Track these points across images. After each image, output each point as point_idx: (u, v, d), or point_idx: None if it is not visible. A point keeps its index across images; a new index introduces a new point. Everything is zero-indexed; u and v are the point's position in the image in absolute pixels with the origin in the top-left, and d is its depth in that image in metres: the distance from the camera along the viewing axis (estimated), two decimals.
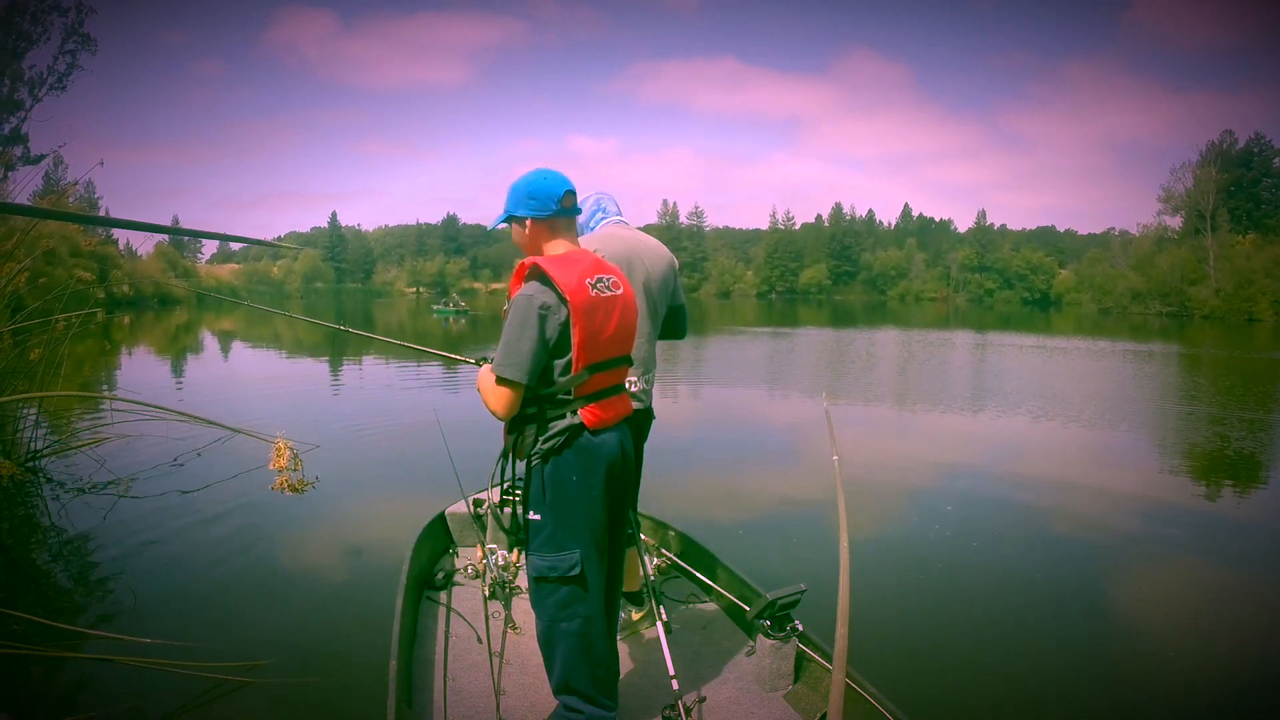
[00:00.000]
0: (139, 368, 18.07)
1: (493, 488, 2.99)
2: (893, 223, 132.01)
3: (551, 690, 2.92)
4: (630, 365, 3.00)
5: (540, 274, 2.71)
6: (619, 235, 3.60)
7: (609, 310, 2.77)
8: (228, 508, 6.86)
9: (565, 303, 2.66)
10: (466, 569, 4.48)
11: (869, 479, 8.52)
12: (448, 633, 3.77)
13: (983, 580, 5.67)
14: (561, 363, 2.71)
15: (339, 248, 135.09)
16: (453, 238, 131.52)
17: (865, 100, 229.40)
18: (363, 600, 4.88)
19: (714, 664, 3.59)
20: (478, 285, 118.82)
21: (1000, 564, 6.03)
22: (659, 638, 3.27)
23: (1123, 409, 14.12)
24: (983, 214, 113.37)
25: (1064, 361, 23.76)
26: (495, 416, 2.75)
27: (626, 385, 3.17)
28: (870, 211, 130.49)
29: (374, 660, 3.55)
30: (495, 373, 2.66)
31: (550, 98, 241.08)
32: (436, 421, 6.20)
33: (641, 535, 4.56)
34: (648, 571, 3.74)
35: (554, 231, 2.85)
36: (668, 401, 13.62)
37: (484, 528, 4.45)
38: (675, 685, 3.09)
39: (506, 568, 4.16)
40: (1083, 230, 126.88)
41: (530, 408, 2.74)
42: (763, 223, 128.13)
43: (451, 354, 4.39)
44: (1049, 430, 11.74)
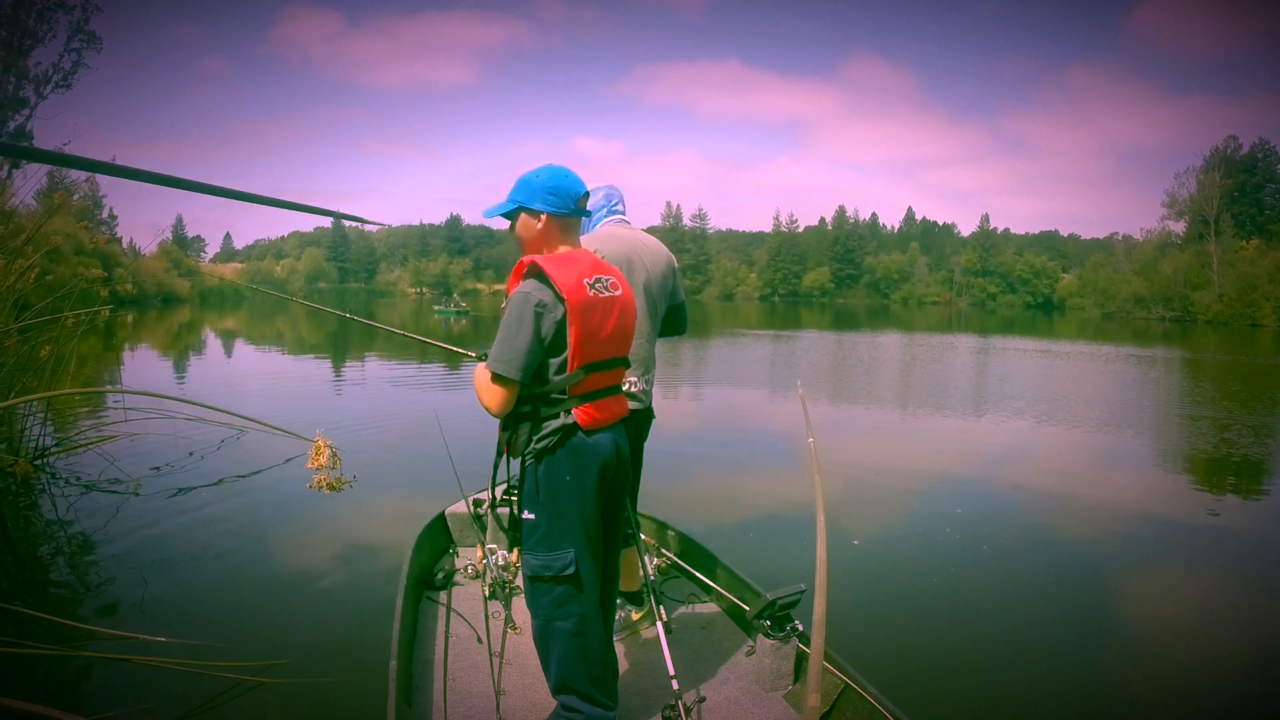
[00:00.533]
0: (144, 365, 18.05)
1: (492, 488, 2.99)
2: (896, 226, 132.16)
3: (550, 690, 2.92)
4: (627, 367, 2.99)
5: (539, 272, 2.71)
6: (618, 235, 3.60)
7: (607, 310, 2.77)
8: (233, 506, 6.86)
9: (562, 301, 2.65)
10: (466, 569, 4.48)
11: (875, 481, 8.52)
12: (448, 633, 3.77)
13: (988, 583, 5.65)
14: (557, 361, 2.70)
15: (342, 247, 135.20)
16: (456, 238, 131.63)
17: (869, 104, 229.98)
18: (363, 600, 4.89)
19: (714, 664, 3.58)
20: (480, 286, 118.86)
21: (1006, 567, 6.01)
22: (659, 638, 3.27)
23: (1127, 414, 14.09)
24: (986, 218, 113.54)
25: (1068, 366, 23.73)
26: (489, 413, 2.75)
27: (625, 386, 3.17)
28: (874, 215, 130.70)
29: (374, 660, 3.55)
30: (489, 369, 2.66)
31: (555, 99, 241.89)
32: (436, 421, 6.20)
33: (641, 535, 4.56)
34: (648, 571, 3.74)
35: (565, 231, 2.85)
36: (669, 402, 13.62)
37: (484, 528, 4.45)
38: (675, 685, 3.09)
39: (506, 568, 4.16)
40: (1086, 235, 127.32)
41: (524, 406, 2.74)
42: (766, 225, 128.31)
43: (453, 347, 4.39)
44: (1054, 435, 11.72)
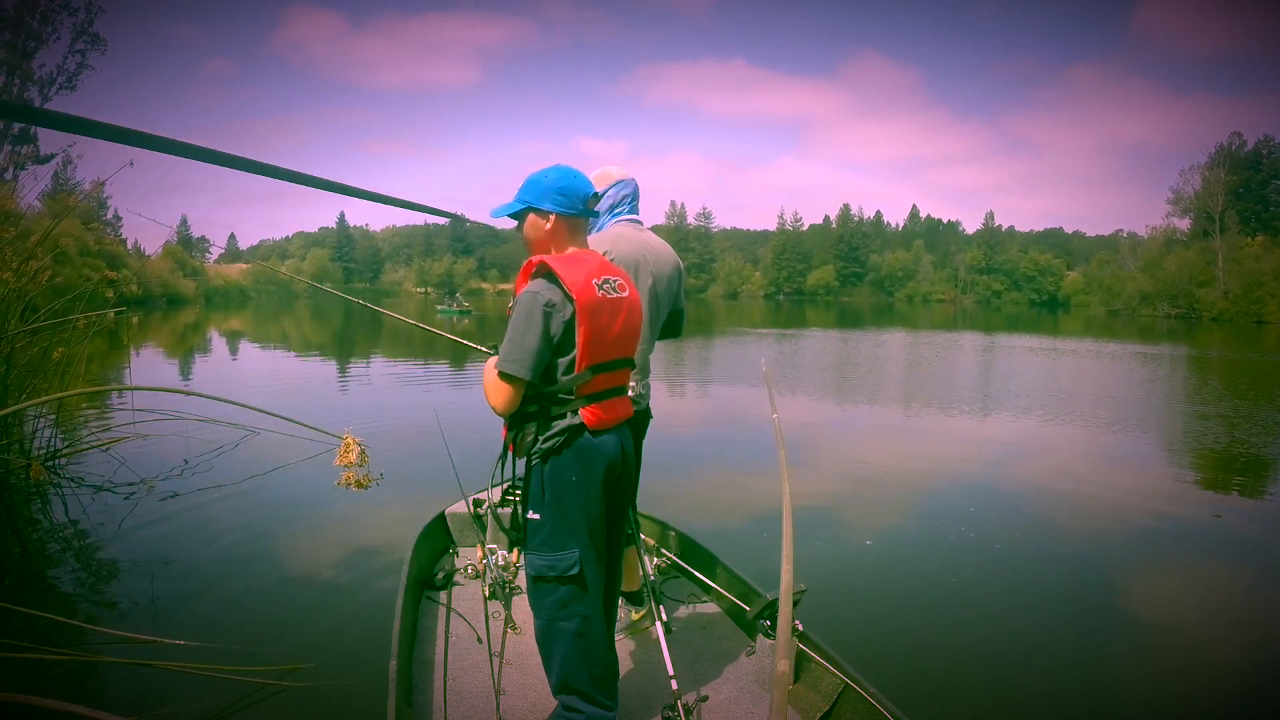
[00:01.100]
0: (153, 365, 18.11)
1: (493, 488, 2.99)
2: (900, 224, 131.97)
3: (551, 690, 2.91)
4: (633, 368, 2.99)
5: (548, 272, 2.70)
6: (628, 236, 3.59)
7: (614, 311, 2.76)
8: (238, 507, 6.87)
9: (571, 301, 2.65)
10: (466, 569, 4.48)
11: (886, 479, 8.53)
12: (448, 633, 3.77)
13: (999, 582, 5.64)
14: (564, 361, 2.70)
15: (347, 247, 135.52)
16: (460, 238, 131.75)
17: (873, 104, 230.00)
18: (362, 600, 4.89)
19: (714, 664, 3.58)
20: (485, 285, 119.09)
21: (1017, 566, 5.99)
22: (659, 638, 3.27)
23: (1136, 412, 14.06)
24: (990, 215, 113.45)
25: (1074, 364, 23.67)
26: (496, 412, 2.74)
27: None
28: (878, 213, 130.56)
29: (374, 660, 3.55)
30: (498, 368, 2.66)
31: (558, 99, 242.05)
32: (437, 421, 6.19)
33: (641, 535, 4.56)
34: (647, 571, 3.74)
35: (573, 231, 2.84)
36: (675, 400, 13.63)
37: (484, 528, 4.45)
38: (675, 685, 3.08)
39: (506, 568, 4.16)
40: (1091, 232, 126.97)
41: (531, 405, 2.73)
42: (770, 224, 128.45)
43: (468, 341, 4.38)
44: (1063, 433, 11.69)
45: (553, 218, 2.80)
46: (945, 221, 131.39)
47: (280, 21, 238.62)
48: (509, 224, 2.91)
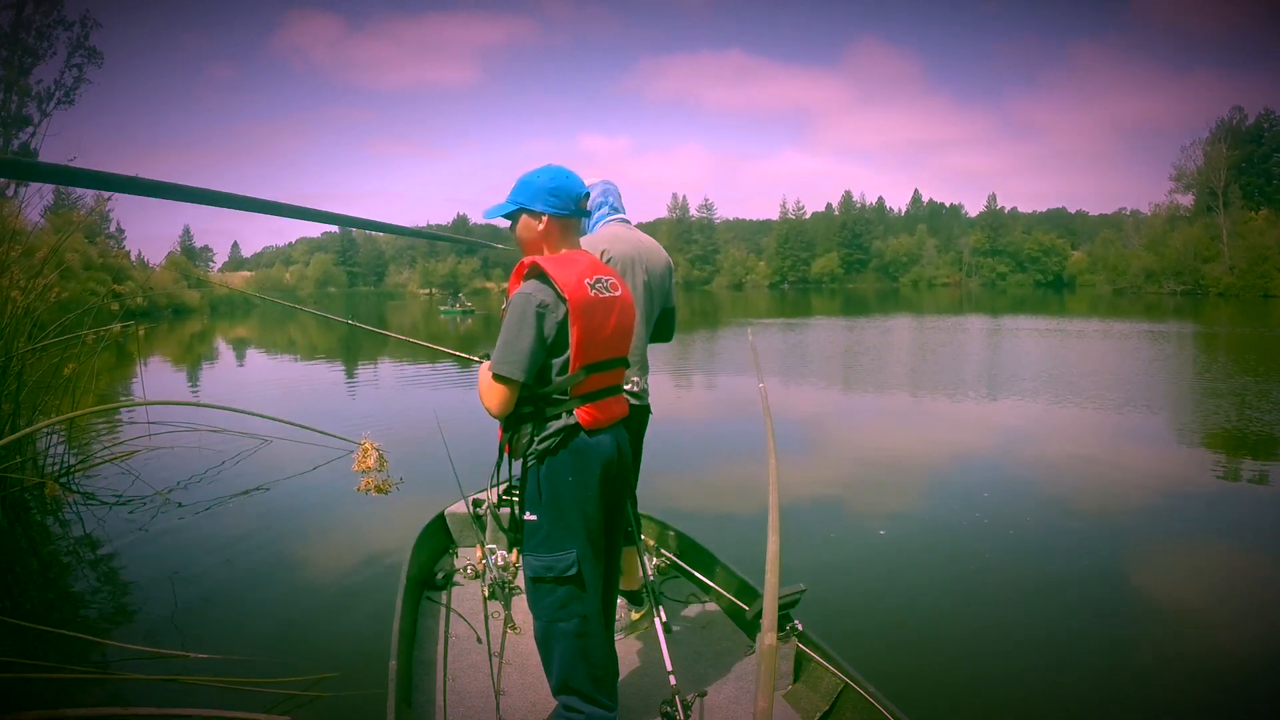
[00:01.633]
0: (162, 377, 18.12)
1: (492, 488, 2.98)
2: (903, 209, 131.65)
3: (550, 690, 2.91)
4: (627, 367, 2.99)
5: (539, 273, 2.70)
6: (622, 236, 3.61)
7: (607, 311, 2.76)
8: (247, 516, 6.91)
9: (564, 301, 2.64)
10: (466, 569, 4.48)
11: (898, 466, 8.53)
12: (447, 633, 3.77)
13: (1001, 574, 5.59)
14: (559, 362, 2.69)
15: (350, 251, 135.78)
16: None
17: (873, 90, 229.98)
18: (362, 600, 4.91)
19: (714, 664, 3.57)
20: (489, 285, 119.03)
21: (1030, 556, 5.93)
22: (658, 638, 3.26)
23: (1147, 392, 13.98)
24: (993, 198, 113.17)
25: (1082, 345, 23.58)
26: (491, 414, 2.74)
27: (626, 385, 3.16)
28: (880, 199, 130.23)
29: (374, 660, 3.55)
30: (492, 370, 2.65)
31: (560, 97, 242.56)
32: (437, 422, 6.20)
33: (641, 535, 4.55)
34: (647, 572, 3.73)
35: (566, 232, 2.84)
36: (682, 392, 13.62)
37: (483, 528, 4.45)
38: (674, 685, 3.08)
39: (506, 568, 4.15)
40: (1094, 211, 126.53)
41: (526, 407, 2.72)
42: (773, 214, 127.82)
43: (456, 351, 4.38)
44: (1073, 416, 11.63)
45: (545, 218, 2.80)
46: (948, 205, 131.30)
47: (279, 26, 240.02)
48: (511, 224, 2.91)
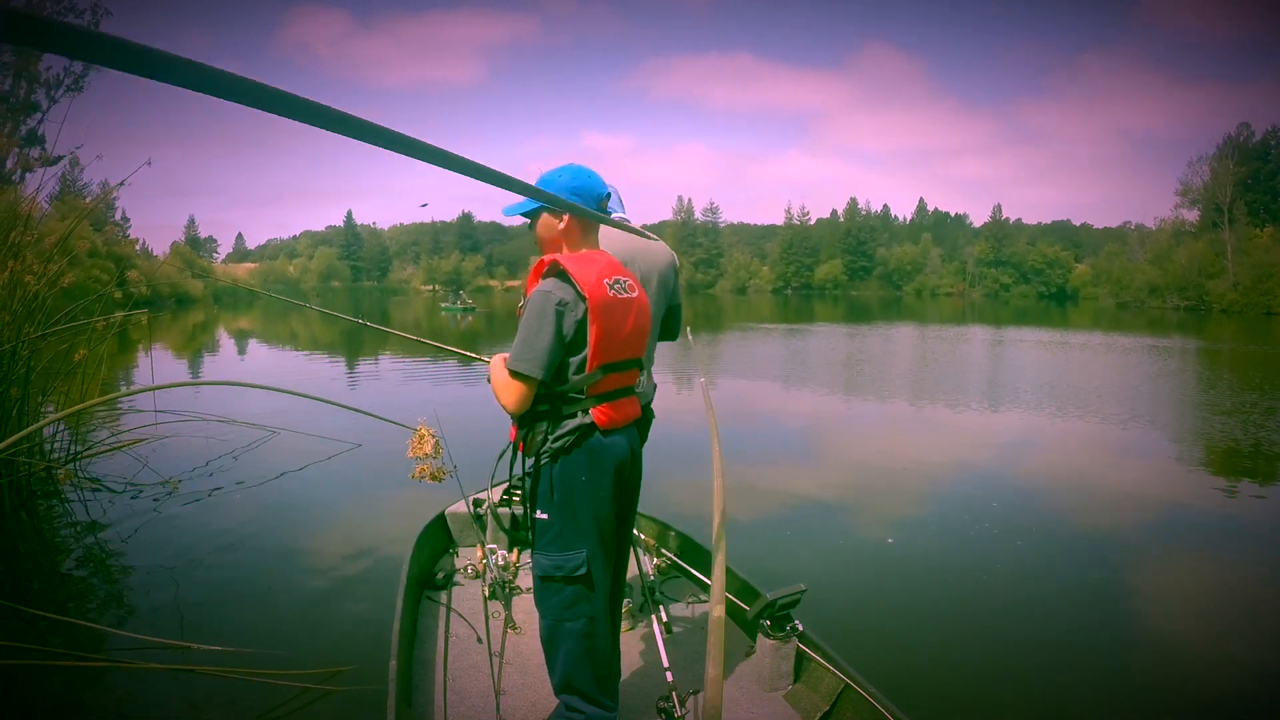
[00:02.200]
0: (169, 365, 18.20)
1: (493, 488, 2.99)
2: (908, 218, 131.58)
3: (552, 689, 2.92)
4: (641, 369, 3.00)
5: (560, 271, 2.70)
6: (616, 235, 3.60)
7: (625, 311, 2.77)
8: (250, 508, 6.91)
9: (583, 300, 2.65)
10: (466, 569, 4.48)
11: (908, 473, 8.52)
12: (448, 633, 3.78)
13: (1016, 581, 5.59)
14: (575, 360, 2.70)
15: (355, 246, 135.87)
16: (468, 235, 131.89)
17: (880, 95, 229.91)
18: (362, 599, 4.92)
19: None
20: (493, 283, 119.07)
21: (1035, 565, 5.92)
22: (659, 638, 3.27)
23: (1152, 407, 13.97)
24: (998, 208, 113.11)
25: (1084, 357, 23.54)
26: (506, 411, 2.74)
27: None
28: (885, 206, 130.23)
29: (374, 660, 3.56)
30: (509, 367, 2.65)
31: (564, 95, 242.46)
32: (437, 422, 6.20)
33: (642, 535, 4.57)
34: (647, 571, 3.74)
35: (586, 231, 2.85)
36: (683, 396, 13.61)
37: (484, 528, 4.45)
38: (670, 679, 3.10)
39: (506, 568, 4.17)
40: (1099, 224, 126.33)
41: (542, 404, 2.73)
42: (778, 218, 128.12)
43: (464, 350, 4.39)
44: (1076, 428, 11.62)
45: (566, 217, 2.80)
46: (953, 215, 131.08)
47: (285, 22, 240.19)
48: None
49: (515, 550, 4.42)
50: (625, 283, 2.82)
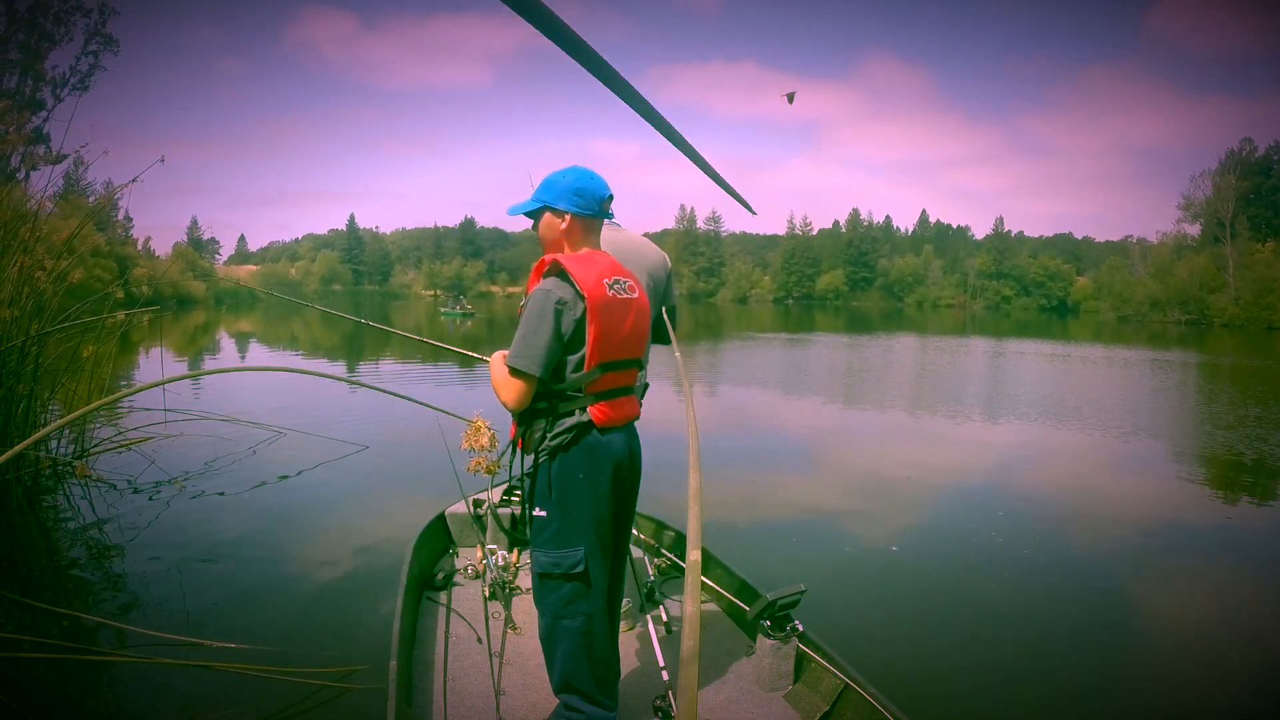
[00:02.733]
0: (172, 365, 18.21)
1: (493, 488, 3.00)
2: (910, 229, 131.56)
3: (552, 689, 2.93)
4: (640, 369, 3.02)
5: (560, 270, 2.73)
6: (608, 238, 3.62)
7: (624, 311, 2.80)
8: (251, 508, 6.91)
9: (582, 299, 2.68)
10: (466, 569, 4.49)
11: (910, 482, 8.52)
12: (448, 633, 3.78)
13: (1020, 588, 5.59)
14: (574, 359, 2.72)
15: (356, 250, 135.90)
16: (470, 240, 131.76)
17: (884, 105, 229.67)
18: (363, 600, 4.91)
19: (713, 664, 3.58)
20: (495, 289, 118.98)
21: (1037, 573, 5.91)
22: (658, 638, 3.28)
23: (1155, 420, 13.96)
24: (1000, 221, 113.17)
25: (1085, 370, 23.54)
26: (506, 408, 2.77)
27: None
28: (888, 217, 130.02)
29: (374, 660, 3.57)
30: (508, 364, 2.68)
31: (570, 101, 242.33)
32: (437, 422, 6.20)
33: (642, 535, 4.58)
34: (647, 571, 3.75)
35: (588, 232, 2.88)
36: (680, 401, 13.60)
37: (484, 528, 4.46)
38: (666, 677, 3.12)
39: (506, 568, 4.18)
40: (1101, 238, 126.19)
41: (541, 402, 2.75)
42: (780, 228, 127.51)
43: (465, 350, 4.40)
44: (1077, 440, 11.60)
45: (568, 218, 2.83)
46: (955, 226, 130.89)
47: (293, 22, 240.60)
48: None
49: (515, 551, 4.43)
50: (626, 283, 2.85)
